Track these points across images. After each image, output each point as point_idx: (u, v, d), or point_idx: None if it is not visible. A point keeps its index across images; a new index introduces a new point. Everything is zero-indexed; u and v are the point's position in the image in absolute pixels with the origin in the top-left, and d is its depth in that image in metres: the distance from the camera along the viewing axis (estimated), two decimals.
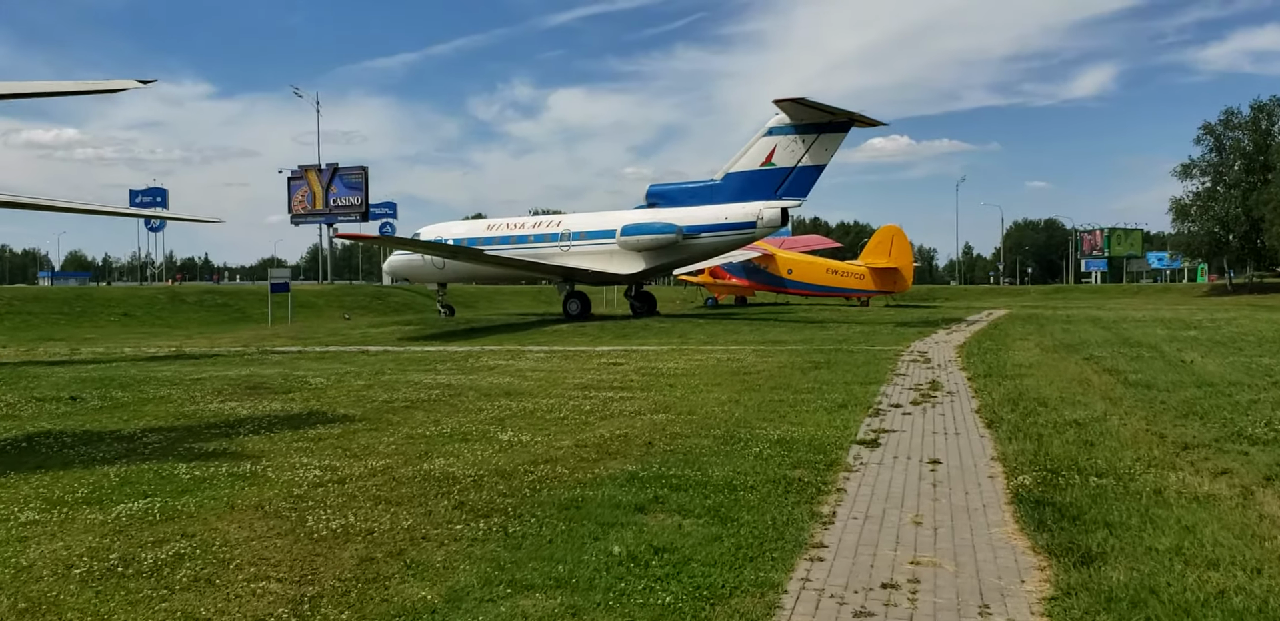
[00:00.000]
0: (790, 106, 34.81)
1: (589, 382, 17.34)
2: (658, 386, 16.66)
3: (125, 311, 49.99)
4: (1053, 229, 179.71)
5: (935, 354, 23.06)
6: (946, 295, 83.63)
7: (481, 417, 13.07)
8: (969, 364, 20.02)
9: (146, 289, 59.66)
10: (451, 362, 22.21)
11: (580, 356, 23.51)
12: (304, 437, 11.61)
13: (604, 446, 10.71)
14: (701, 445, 10.72)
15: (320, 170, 67.02)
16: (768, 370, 19.26)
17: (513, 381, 17.65)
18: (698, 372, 18.94)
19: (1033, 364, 19.42)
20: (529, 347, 26.90)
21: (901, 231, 53.74)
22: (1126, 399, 14.18)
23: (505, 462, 9.75)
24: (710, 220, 37.48)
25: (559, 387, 16.61)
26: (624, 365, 20.81)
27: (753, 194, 36.90)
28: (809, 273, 55.64)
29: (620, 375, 18.64)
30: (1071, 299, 77.08)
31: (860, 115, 35.38)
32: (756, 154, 37.06)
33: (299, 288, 67.12)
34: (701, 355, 23.16)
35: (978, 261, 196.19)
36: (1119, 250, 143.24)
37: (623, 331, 32.62)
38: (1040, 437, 10.86)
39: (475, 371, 19.91)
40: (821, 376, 17.89)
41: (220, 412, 13.89)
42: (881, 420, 12.69)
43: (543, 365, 21.30)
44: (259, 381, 17.67)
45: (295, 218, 67.21)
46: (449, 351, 25.96)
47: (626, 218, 39.27)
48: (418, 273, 44.64)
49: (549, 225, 41.34)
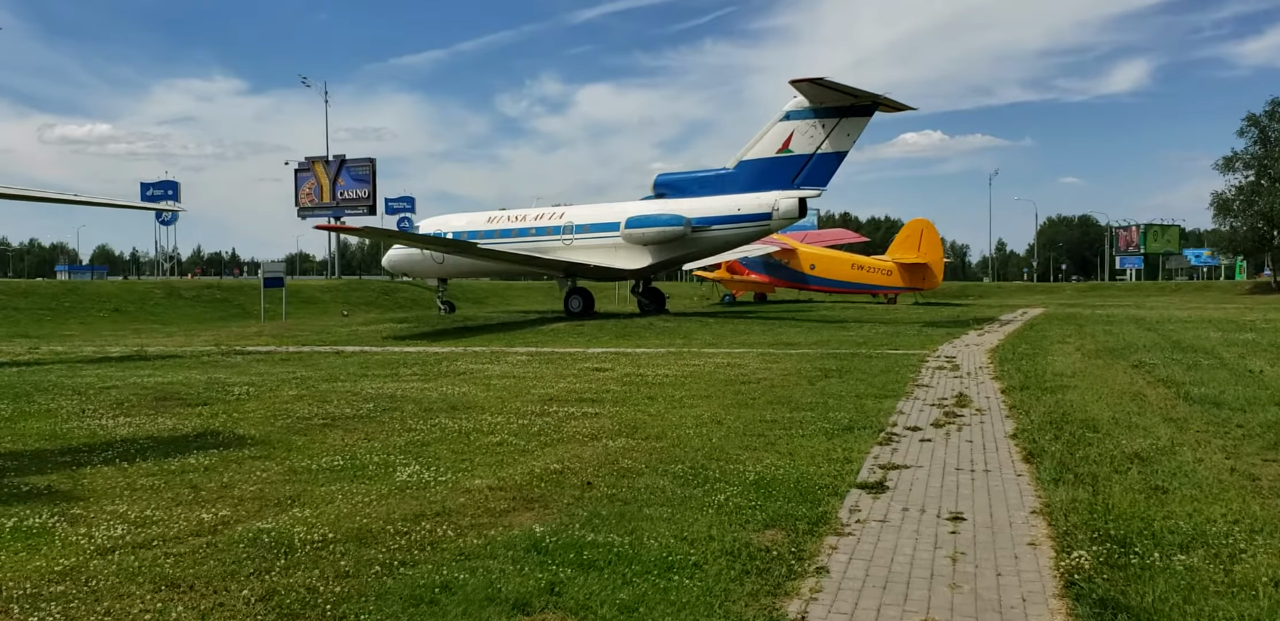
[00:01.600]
0: (809, 88, 32.15)
1: (557, 393, 14.93)
2: (634, 399, 14.22)
3: (116, 307, 47.94)
4: (1087, 225, 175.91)
5: (964, 359, 20.50)
6: (979, 292, 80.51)
7: (400, 442, 10.66)
8: (1002, 372, 17.44)
9: (141, 284, 57.73)
10: (420, 366, 19.86)
11: (565, 359, 21.11)
12: (162, 470, 9.25)
13: (526, 488, 8.27)
14: (654, 487, 8.28)
15: (327, 162, 64.86)
16: (769, 379, 16.78)
17: (470, 391, 15.24)
18: (688, 381, 16.49)
19: (1075, 372, 16.83)
20: (515, 349, 24.57)
21: (931, 225, 50.91)
22: (1193, 420, 11.62)
23: (380, 516, 7.33)
24: (722, 211, 34.89)
25: (519, 400, 14.19)
26: (608, 371, 18.39)
27: (768, 183, 34.26)
28: (833, 268, 52.93)
29: (598, 384, 16.22)
30: (1108, 297, 73.96)
31: (885, 97, 32.66)
32: (772, 140, 34.41)
33: (305, 283, 65.31)
34: (700, 359, 20.71)
35: (1011, 257, 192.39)
36: (1155, 247, 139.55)
37: (624, 331, 30.19)
38: (1095, 480, 8.34)
39: (438, 378, 17.53)
40: (830, 387, 15.39)
41: (97, 432, 11.55)
42: (893, 450, 10.19)
43: (518, 370, 18.91)
44: (174, 391, 15.33)
45: (302, 211, 65.08)
46: (428, 353, 23.66)
47: (632, 209, 36.73)
48: (416, 268, 42.30)
49: (551, 217, 38.82)
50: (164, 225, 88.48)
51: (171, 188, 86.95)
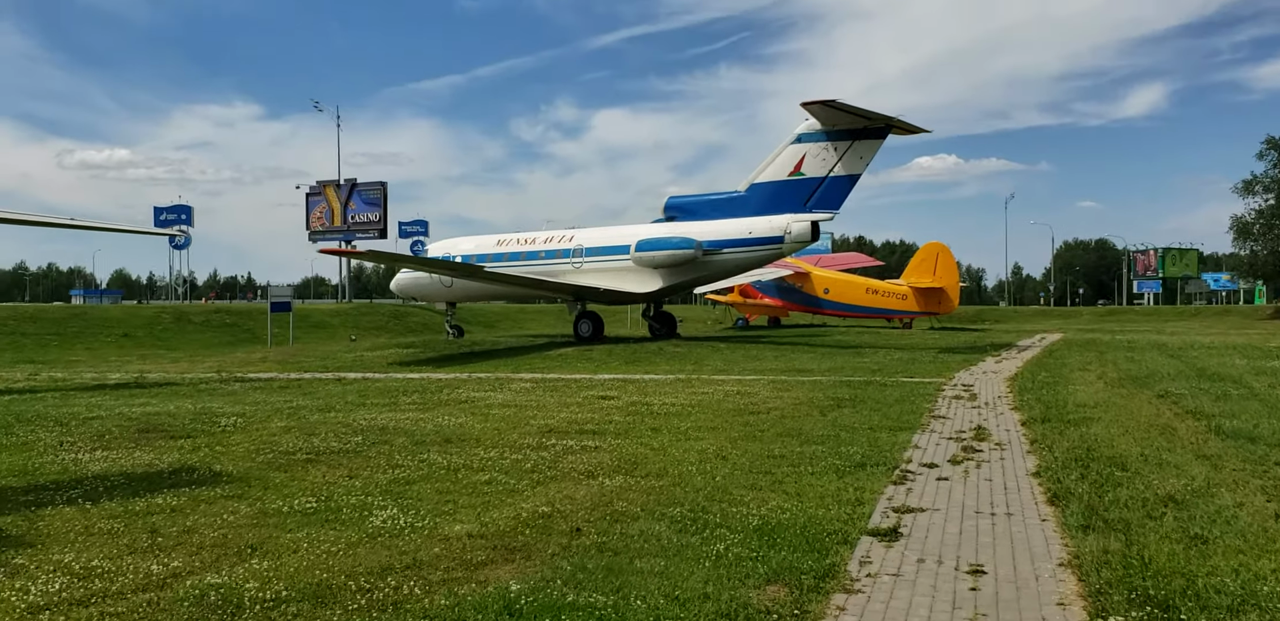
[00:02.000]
0: (820, 110, 31.61)
1: (558, 424, 14.31)
2: (638, 430, 13.59)
3: (125, 332, 47.61)
4: (1104, 249, 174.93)
5: (982, 388, 19.82)
6: (995, 317, 79.69)
7: (383, 480, 10.05)
8: (1022, 402, 16.75)
9: (149, 308, 57.37)
10: (420, 394, 19.26)
11: (570, 387, 20.49)
12: (126, 511, 8.66)
13: (510, 535, 7.65)
14: (648, 534, 7.64)
15: (339, 186, 64.58)
16: (780, 408, 16.13)
17: (467, 422, 14.64)
18: (695, 411, 15.85)
19: (1098, 403, 16.14)
20: (520, 375, 23.97)
21: (946, 249, 50.16)
22: (1228, 457, 10.93)
23: (344, 569, 6.71)
24: (733, 235, 34.30)
25: (516, 432, 13.58)
26: (614, 399, 17.76)
27: (780, 206, 33.68)
28: (847, 292, 52.19)
29: (602, 413, 15.59)
30: (1127, 322, 73.09)
31: (898, 120, 32.10)
32: (784, 163, 33.87)
33: (315, 307, 64.92)
34: (710, 387, 20.07)
35: (1027, 282, 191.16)
36: (1173, 271, 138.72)
37: (633, 356, 29.57)
38: (1127, 528, 7.68)
39: (437, 407, 16.93)
40: (843, 418, 14.74)
41: (69, 467, 10.98)
42: (908, 489, 9.54)
43: (520, 398, 18.30)
44: (159, 422, 14.76)
45: (313, 234, 64.75)
46: (431, 379, 23.08)
47: (642, 232, 36.17)
48: (425, 291, 41.79)
49: (560, 241, 38.28)
50: (177, 249, 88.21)
51: (185, 212, 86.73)
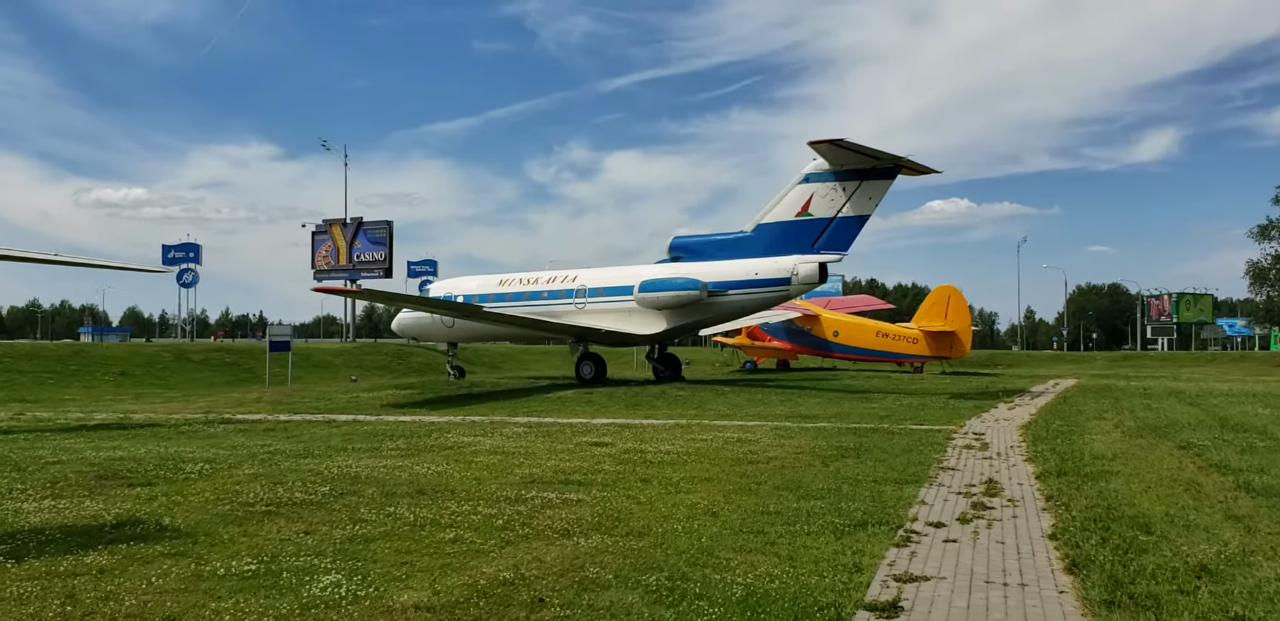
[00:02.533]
0: (828, 149, 31.02)
1: (543, 474, 13.50)
2: (627, 482, 12.78)
3: (123, 370, 47.01)
4: (1117, 294, 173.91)
5: (994, 436, 18.95)
6: (1008, 361, 78.56)
7: (339, 536, 9.25)
8: (1036, 453, 15.89)
9: (150, 346, 56.83)
10: (406, 439, 18.48)
11: (564, 432, 19.69)
12: (50, 571, 7.89)
13: (462, 608, 6.84)
14: (619, 606, 6.84)
15: (345, 224, 64.15)
16: (781, 457, 15.31)
17: (447, 470, 13.84)
18: (691, 460, 15.05)
19: (1116, 455, 15.28)
20: (516, 419, 23.19)
21: (958, 292, 49.34)
22: (1261, 518, 10.08)
23: None
24: (739, 276, 33.59)
25: (497, 482, 12.78)
26: (607, 446, 16.95)
27: (787, 247, 33.00)
28: (857, 335, 51.34)
29: (591, 462, 14.79)
30: (1141, 367, 71.89)
31: (908, 159, 31.46)
32: (791, 203, 33.23)
33: (318, 347, 64.29)
34: (709, 434, 19.24)
35: (1040, 326, 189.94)
36: (1187, 316, 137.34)
37: (634, 399, 28.76)
38: (1158, 604, 6.84)
39: (420, 453, 16.15)
40: (846, 470, 13.90)
41: (6, 518, 10.23)
42: (912, 553, 8.70)
43: (510, 444, 17.49)
44: (121, 468, 13.98)
45: (318, 273, 64.18)
46: (422, 423, 22.33)
47: (646, 272, 35.50)
48: (426, 331, 41.09)
49: (564, 280, 37.61)
50: (185, 288, 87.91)
51: (193, 250, 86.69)
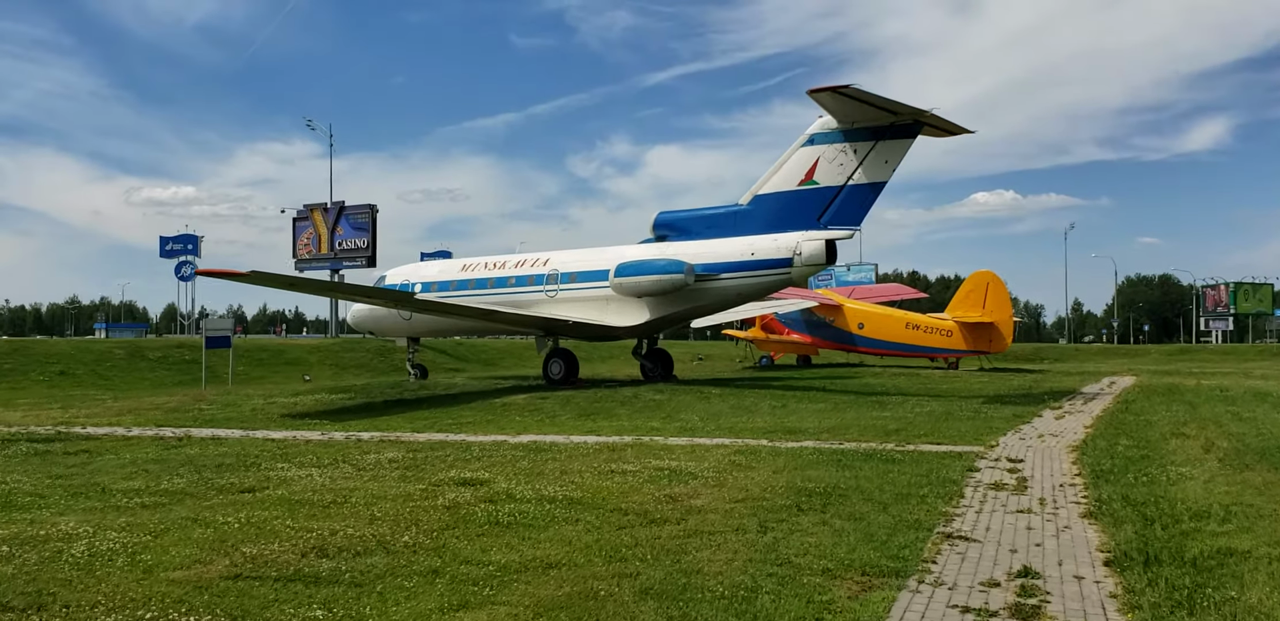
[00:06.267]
0: (833, 100, 25.38)
1: (288, 549, 8.27)
2: (406, 571, 7.53)
3: (63, 370, 42.35)
4: (1168, 285, 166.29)
5: (1037, 465, 13.53)
6: (1055, 355, 72.16)
7: None
8: (1101, 503, 10.41)
9: (102, 343, 52.02)
10: (217, 472, 13.37)
11: (445, 460, 14.42)
12: None
13: None
14: None
15: (326, 210, 59.08)
16: (705, 512, 10.01)
17: (140, 543, 8.62)
18: (569, 515, 9.82)
19: (1228, 508, 9.79)
20: (417, 436, 18.11)
21: (997, 278, 43.41)
22: None
23: None
24: (732, 257, 28.13)
25: (180, 570, 7.55)
26: (474, 487, 11.72)
27: (789, 222, 27.50)
28: (884, 327, 45.59)
29: (404, 523, 9.53)
30: (1201, 361, 65.46)
31: (932, 114, 25.77)
32: (794, 170, 27.69)
33: (294, 343, 59.41)
34: (644, 460, 13.91)
35: (1088, 318, 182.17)
36: (1246, 307, 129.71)
37: (594, 406, 23.50)
38: None
39: (181, 501, 11.03)
40: (789, 543, 8.58)
41: None
42: None
43: (339, 482, 12.26)
44: None
45: (299, 263, 59.17)
46: (287, 442, 17.34)
47: (628, 254, 30.13)
48: (381, 325, 35.91)
49: (534, 265, 32.26)
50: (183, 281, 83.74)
51: (191, 241, 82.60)
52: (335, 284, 31.92)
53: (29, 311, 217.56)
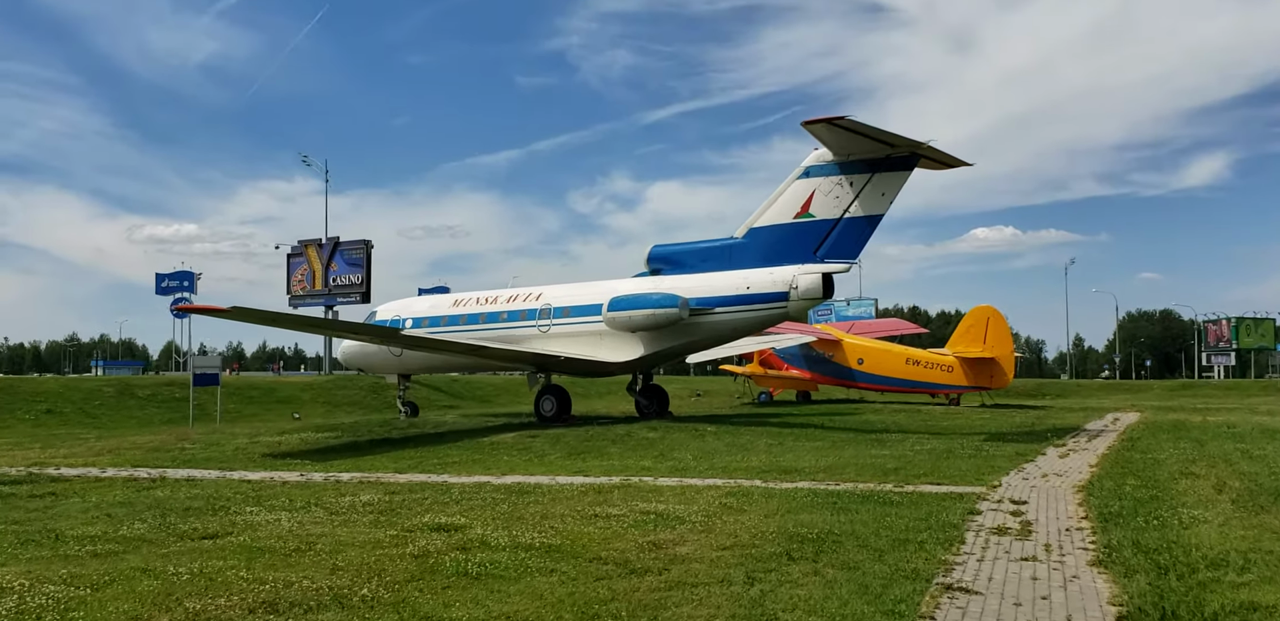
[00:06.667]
0: (828, 132, 24.99)
1: (230, 607, 7.66)
2: None
3: (49, 408, 41.79)
4: (1169, 320, 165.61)
5: (1041, 507, 12.91)
6: (1057, 391, 71.39)
7: None
8: (1111, 549, 9.79)
9: (91, 381, 51.56)
10: (181, 516, 12.80)
11: (423, 503, 13.83)
12: None
13: None
14: None
15: (320, 245, 58.60)
16: (689, 560, 9.41)
17: (72, 596, 8.03)
18: (545, 564, 9.24)
19: (1246, 555, 9.19)
20: (399, 477, 17.50)
21: (998, 313, 42.77)
22: None
23: None
24: (728, 291, 27.61)
25: None
26: (449, 533, 11.13)
27: (785, 255, 27.00)
28: (884, 363, 44.96)
29: (366, 574, 8.92)
30: (1204, 397, 64.60)
31: (929, 146, 25.40)
32: (789, 202, 27.25)
33: (287, 380, 58.86)
34: (631, 503, 13.33)
35: (1089, 354, 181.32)
36: (1248, 342, 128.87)
37: (584, 445, 22.86)
38: None
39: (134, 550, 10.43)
40: (776, 595, 8.02)
41: None
42: None
43: (308, 527, 11.67)
44: None
45: (293, 299, 58.60)
46: (263, 484, 16.74)
47: (621, 288, 29.59)
48: (371, 362, 35.30)
49: (526, 299, 31.73)
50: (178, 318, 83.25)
51: (187, 278, 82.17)
52: (317, 319, 31.40)
53: (28, 349, 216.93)
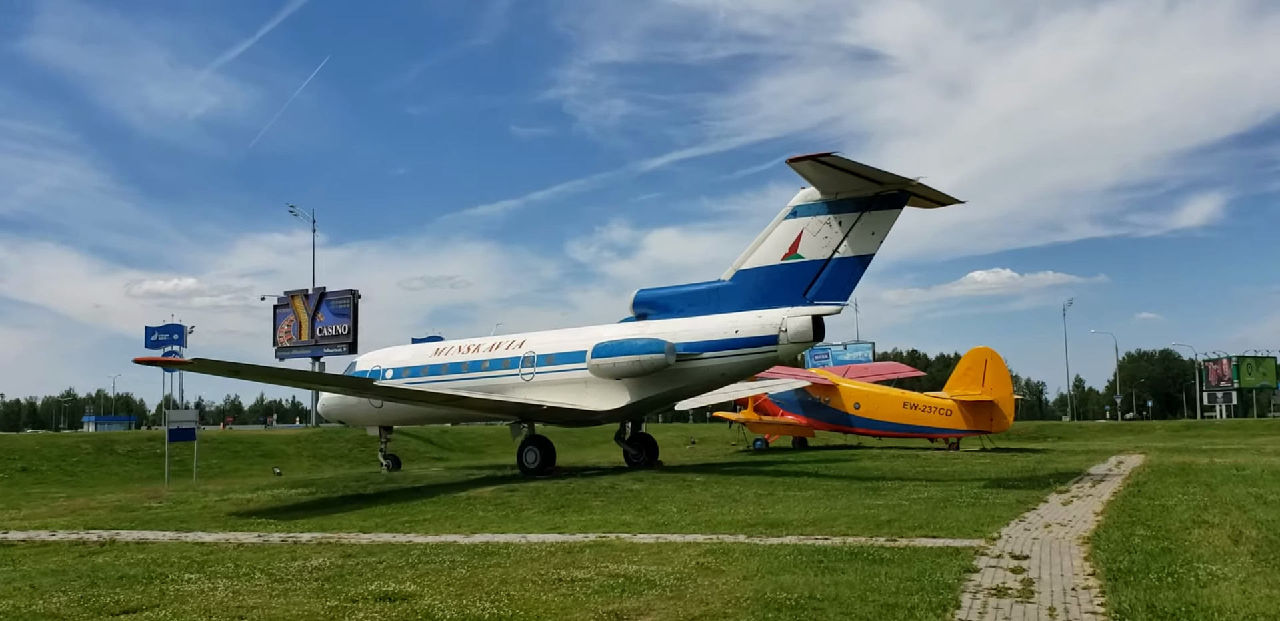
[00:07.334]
0: (814, 171, 24.23)
1: None
2: None
3: (25, 466, 40.62)
4: (1169, 360, 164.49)
5: (1044, 563, 11.88)
6: (1058, 433, 70.18)
7: None
8: (1123, 613, 8.78)
9: (68, 437, 50.50)
10: (108, 587, 11.79)
11: (374, 569, 12.80)
12: None
13: None
14: None
15: (307, 296, 57.81)
16: None
17: None
18: None
19: (1275, 620, 8.18)
20: (363, 537, 16.48)
21: (996, 355, 41.84)
22: None
23: None
24: (715, 335, 26.67)
25: None
26: (395, 603, 10.09)
27: (774, 298, 26.12)
28: (880, 407, 43.95)
29: None
30: (1209, 437, 63.49)
31: (919, 184, 24.61)
32: (777, 243, 26.42)
33: (272, 434, 57.66)
34: (601, 564, 12.34)
35: (1090, 395, 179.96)
36: (1249, 381, 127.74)
37: (565, 498, 21.78)
38: None
39: None
40: None
41: None
42: None
43: (243, 599, 10.65)
44: None
45: (280, 351, 57.68)
46: (219, 544, 15.71)
47: (606, 334, 28.68)
48: (351, 414, 34.30)
49: (509, 347, 30.81)
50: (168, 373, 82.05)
51: (177, 332, 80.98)
52: (282, 371, 30.29)
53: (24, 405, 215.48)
